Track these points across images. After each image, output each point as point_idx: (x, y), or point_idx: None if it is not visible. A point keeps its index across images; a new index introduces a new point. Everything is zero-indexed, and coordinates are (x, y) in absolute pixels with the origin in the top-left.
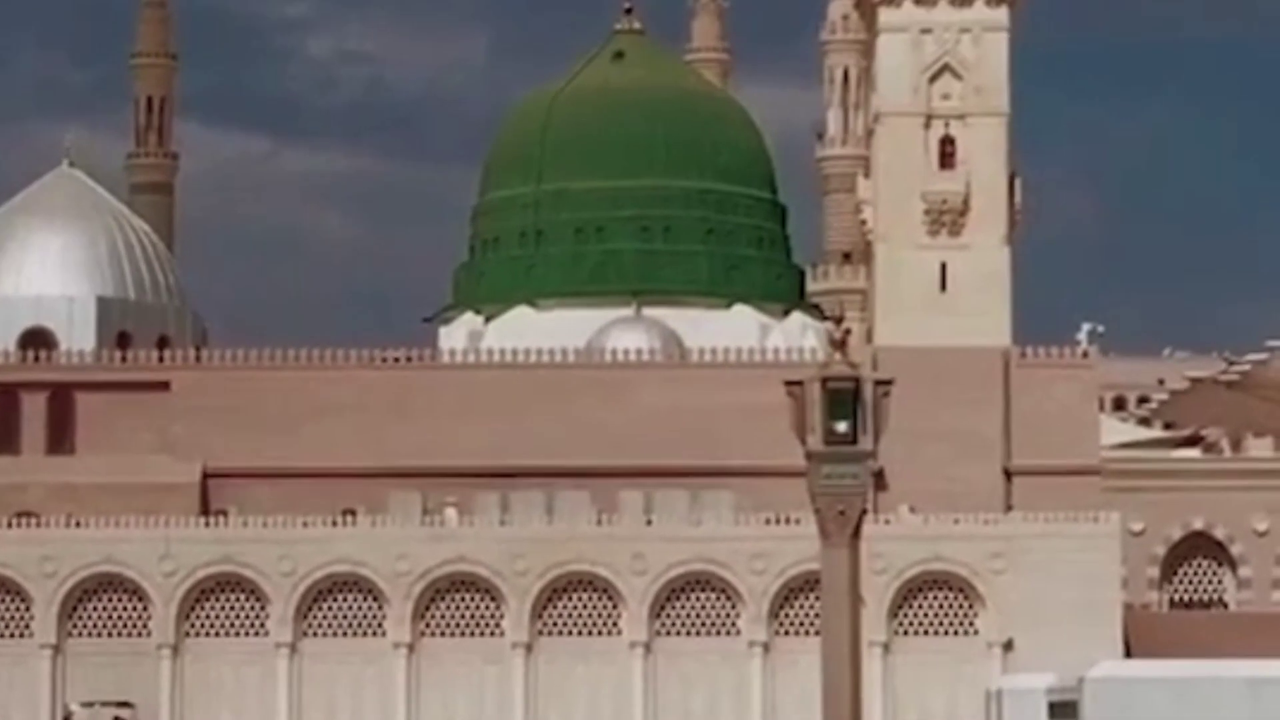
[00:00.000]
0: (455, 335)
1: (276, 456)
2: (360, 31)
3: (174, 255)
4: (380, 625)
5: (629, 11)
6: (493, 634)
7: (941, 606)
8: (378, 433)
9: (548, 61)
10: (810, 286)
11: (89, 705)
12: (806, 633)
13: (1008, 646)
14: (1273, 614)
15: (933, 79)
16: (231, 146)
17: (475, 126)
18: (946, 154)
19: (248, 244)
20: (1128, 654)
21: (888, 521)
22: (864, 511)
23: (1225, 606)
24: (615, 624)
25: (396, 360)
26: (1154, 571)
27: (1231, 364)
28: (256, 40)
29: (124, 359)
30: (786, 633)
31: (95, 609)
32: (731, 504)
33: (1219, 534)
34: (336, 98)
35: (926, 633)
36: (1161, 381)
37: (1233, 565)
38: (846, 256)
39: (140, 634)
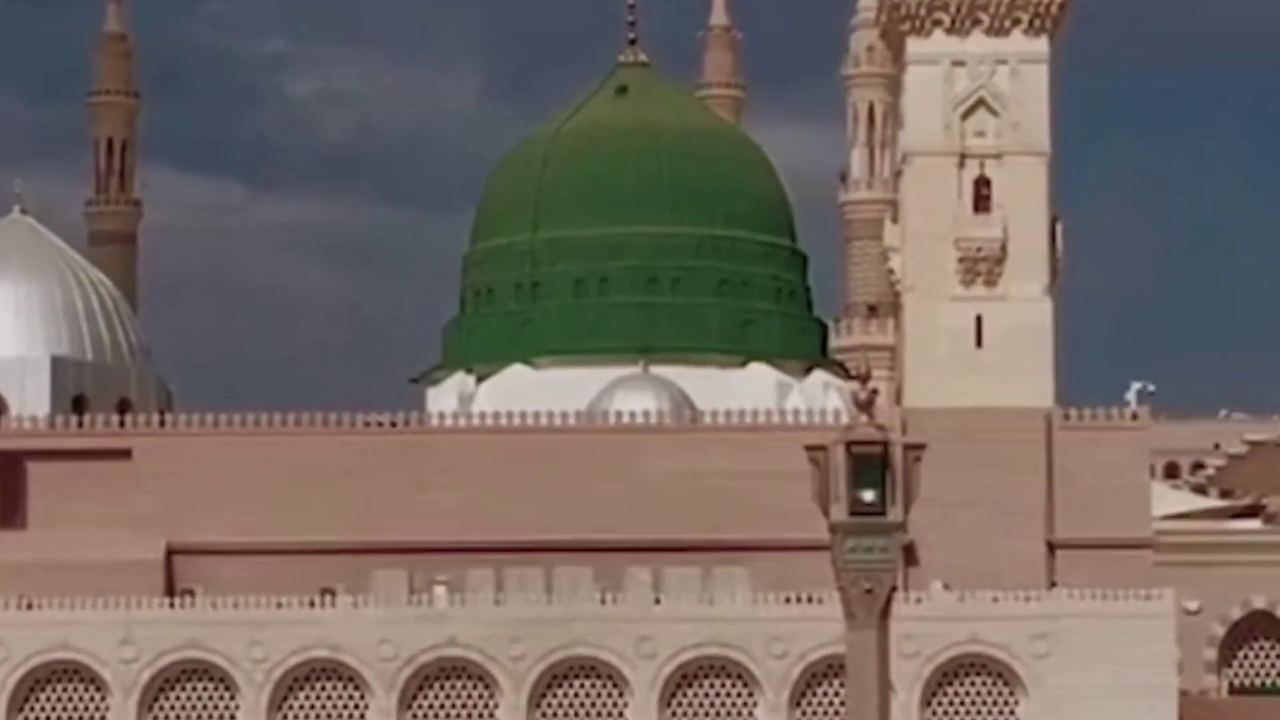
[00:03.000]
0: (445, 397)
1: (248, 531)
2: (344, 70)
3: (136, 311)
4: (362, 716)
5: (633, 43)
6: None
7: (979, 693)
8: (360, 504)
9: (545, 99)
10: (833, 342)
11: None
12: None
13: None
14: None
15: (966, 115)
16: (201, 193)
17: (467, 170)
18: (981, 196)
19: (218, 299)
20: None
21: (919, 600)
22: (893, 589)
23: None
24: (620, 713)
25: (380, 425)
26: (1211, 654)
27: None
28: (230, 78)
29: (81, 425)
30: None
31: (49, 699)
32: (748, 581)
33: None
34: (317, 141)
35: None
36: (1218, 446)
37: None
38: (872, 309)
39: None
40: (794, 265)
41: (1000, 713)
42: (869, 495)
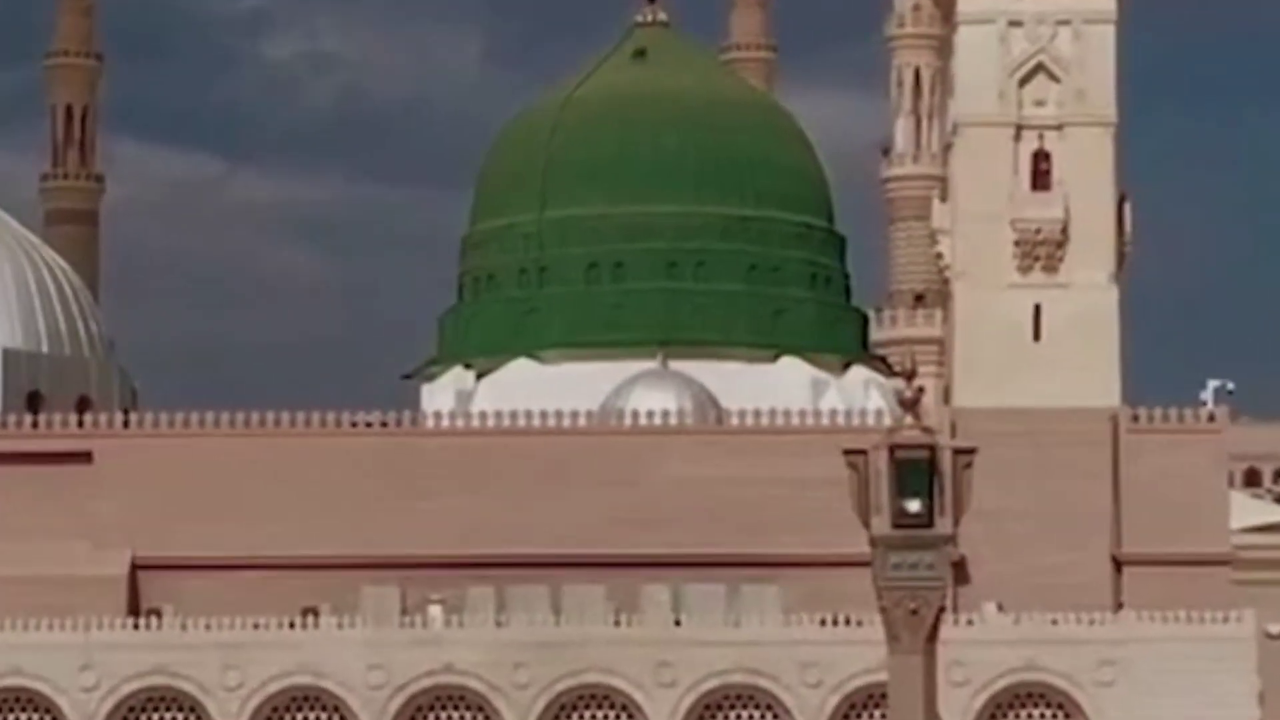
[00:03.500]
0: (441, 395)
1: (221, 544)
2: (330, 30)
3: (97, 299)
4: None
5: (652, 1)
6: None
7: None
8: (346, 514)
9: (554, 63)
10: (874, 335)
11: None
12: None
13: None
14: None
15: (1024, 81)
16: (171, 167)
17: (466, 142)
18: (1041, 172)
19: (188, 285)
20: None
21: (970, 622)
22: (941, 610)
23: None
24: None
25: (369, 425)
26: None
27: None
28: (204, 38)
29: (35, 425)
30: None
31: None
32: (779, 601)
33: None
34: (300, 109)
35: None
36: None
37: None
38: (918, 298)
39: None
40: (831, 249)
41: None
42: (914, 505)
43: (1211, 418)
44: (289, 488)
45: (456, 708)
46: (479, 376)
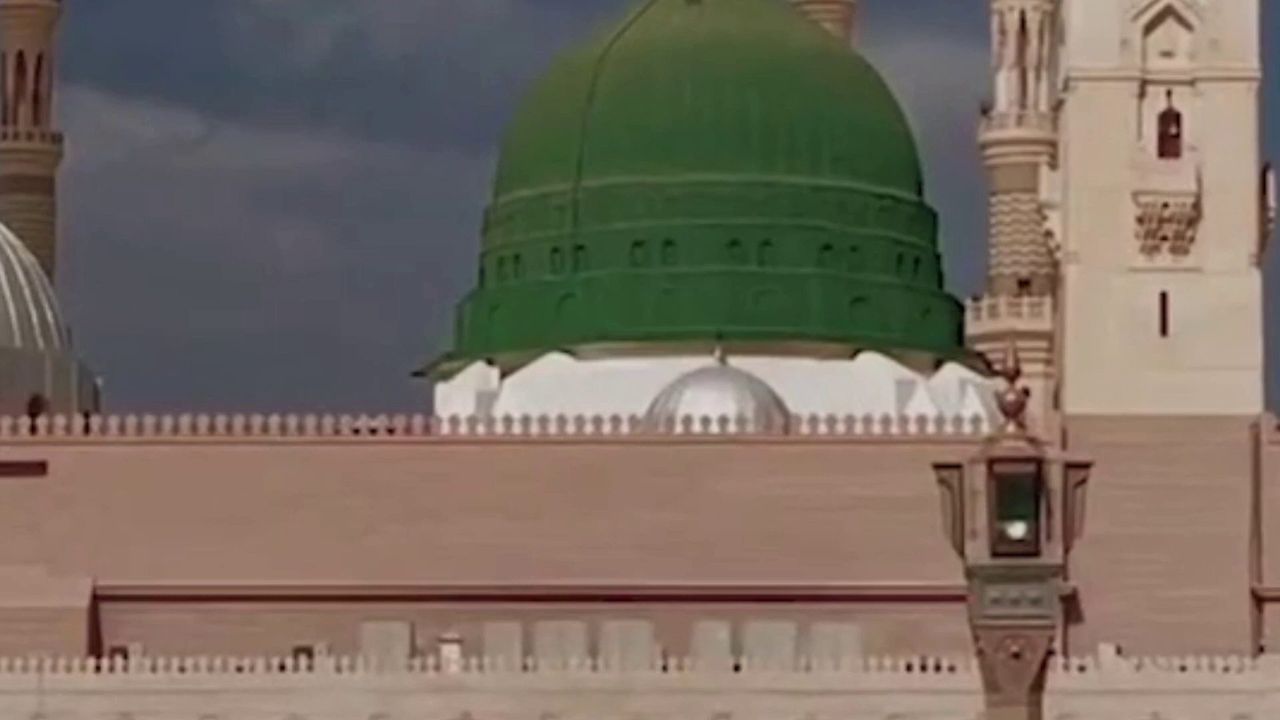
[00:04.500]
0: (459, 396)
1: (198, 571)
2: None
3: (53, 281)
4: None
5: None
6: None
7: None
8: (346, 537)
9: (591, 6)
10: (971, 328)
11: None
12: None
13: None
14: None
15: (1149, 27)
16: (142, 126)
17: (489, 99)
18: (1169, 136)
19: (161, 265)
20: None
21: (1083, 668)
22: (1049, 654)
23: None
24: None
25: (374, 432)
26: None
27: None
28: None
29: None
30: None
31: None
32: (858, 641)
33: None
34: (295, 60)
35: None
36: None
37: None
38: (1023, 284)
39: None
40: (920, 226)
41: None
42: (1018, 530)
43: None
44: (278, 505)
45: None
46: (504, 374)
